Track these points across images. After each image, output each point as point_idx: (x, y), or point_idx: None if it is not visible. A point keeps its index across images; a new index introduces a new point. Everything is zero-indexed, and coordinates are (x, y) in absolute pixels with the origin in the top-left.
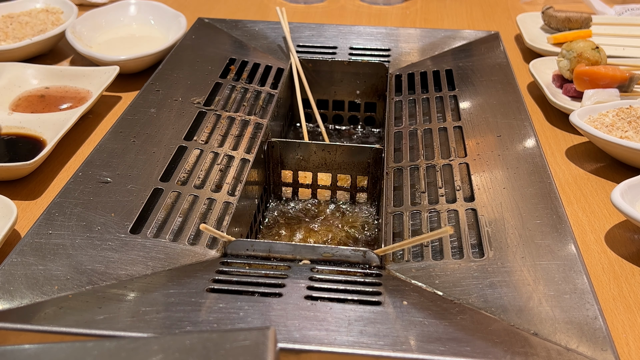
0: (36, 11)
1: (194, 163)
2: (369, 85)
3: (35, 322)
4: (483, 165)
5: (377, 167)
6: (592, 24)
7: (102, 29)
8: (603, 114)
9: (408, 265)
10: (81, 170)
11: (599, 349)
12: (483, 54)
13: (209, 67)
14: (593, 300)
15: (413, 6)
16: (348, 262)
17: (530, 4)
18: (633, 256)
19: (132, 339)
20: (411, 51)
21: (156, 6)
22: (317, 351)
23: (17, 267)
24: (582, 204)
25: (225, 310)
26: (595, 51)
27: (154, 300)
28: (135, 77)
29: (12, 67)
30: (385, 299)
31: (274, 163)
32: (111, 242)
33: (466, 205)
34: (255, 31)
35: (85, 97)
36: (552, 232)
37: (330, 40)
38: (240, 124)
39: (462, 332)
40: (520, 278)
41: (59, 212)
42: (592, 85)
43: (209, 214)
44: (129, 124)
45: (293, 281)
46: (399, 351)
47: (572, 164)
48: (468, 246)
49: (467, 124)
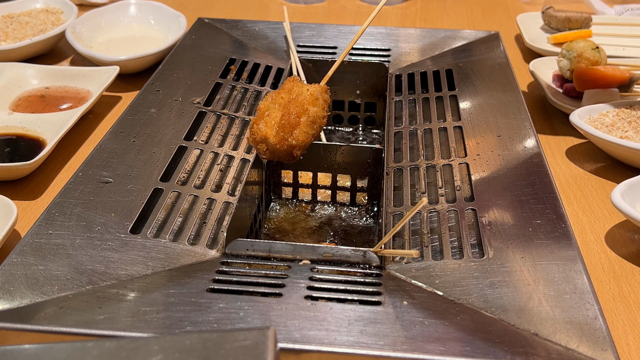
0: (36, 11)
1: (194, 163)
2: (369, 85)
3: (35, 322)
4: (483, 165)
5: (377, 167)
6: (592, 24)
7: (102, 29)
8: (603, 114)
9: (408, 265)
10: (81, 170)
11: (599, 349)
12: (483, 54)
13: (209, 67)
14: (593, 300)
15: (413, 6)
16: (348, 262)
17: (530, 4)
18: (633, 256)
19: (132, 339)
20: (411, 51)
21: (156, 6)
22: (317, 351)
23: (17, 267)
24: (582, 204)
25: (225, 310)
26: (595, 51)
27: (154, 300)
28: (135, 77)
29: (12, 67)
30: (385, 299)
31: (274, 163)
32: (111, 242)
33: (466, 205)
34: (255, 31)
35: (85, 97)
36: (552, 232)
37: (330, 40)
38: (241, 124)
39: (462, 332)
40: (520, 278)
41: (59, 212)
42: (592, 85)
43: (209, 214)
44: (129, 124)
45: (293, 281)
46: (399, 351)
47: (572, 164)
48: (468, 246)
49: (467, 124)
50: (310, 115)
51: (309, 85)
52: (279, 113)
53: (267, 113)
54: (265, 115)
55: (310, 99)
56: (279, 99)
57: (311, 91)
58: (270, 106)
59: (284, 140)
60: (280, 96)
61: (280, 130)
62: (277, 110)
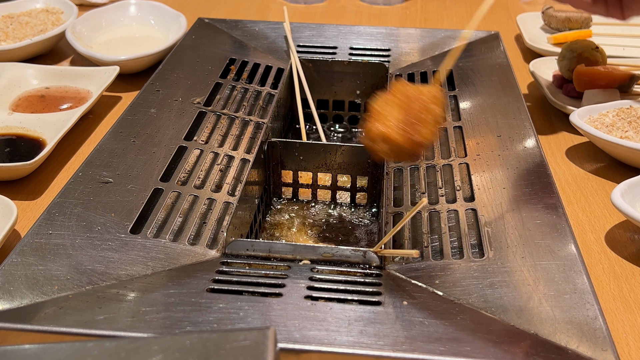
0: (36, 11)
1: (194, 163)
2: (369, 85)
3: (35, 322)
4: (483, 165)
5: (377, 167)
6: (592, 24)
7: (102, 29)
8: (603, 114)
9: (408, 265)
10: (81, 170)
11: (599, 349)
12: (483, 54)
13: (209, 67)
14: (593, 300)
15: (413, 6)
16: (348, 262)
17: (530, 4)
18: (633, 256)
19: (132, 339)
20: (411, 51)
21: (156, 6)
22: (317, 351)
23: (17, 267)
24: (582, 204)
25: (225, 310)
26: (595, 51)
27: (154, 300)
28: (135, 77)
29: (12, 67)
30: (385, 299)
31: (274, 163)
32: (111, 242)
33: (466, 205)
34: (255, 31)
35: (85, 97)
36: (552, 232)
37: (331, 40)
38: (240, 124)
39: (462, 332)
40: (520, 278)
41: (59, 212)
42: (592, 85)
43: (209, 214)
44: (129, 124)
45: (293, 281)
46: (399, 351)
47: (572, 164)
48: (468, 246)
49: (467, 124)
50: (433, 114)
51: (425, 86)
52: (398, 113)
53: (383, 113)
54: (382, 115)
55: (431, 98)
56: (394, 100)
57: (431, 90)
58: (385, 106)
59: (410, 139)
60: (395, 97)
61: (405, 128)
62: (394, 110)
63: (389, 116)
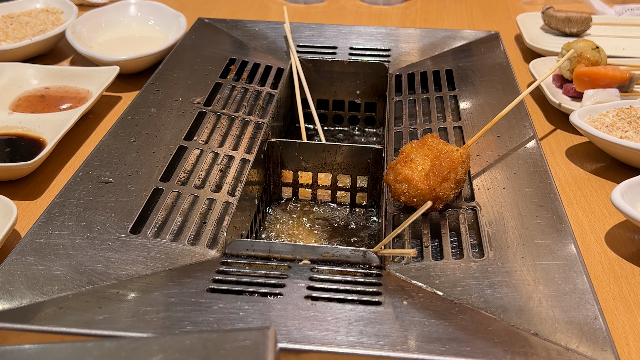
0: (36, 11)
1: (194, 163)
2: (369, 85)
3: (35, 322)
4: (483, 165)
5: (377, 167)
6: (592, 24)
7: (102, 29)
8: (603, 114)
9: (408, 265)
10: (81, 170)
11: (599, 349)
12: (483, 54)
13: (209, 67)
14: (593, 300)
15: (413, 6)
16: (348, 262)
17: (530, 4)
18: (633, 256)
19: (132, 339)
20: (411, 51)
21: (156, 6)
22: (317, 351)
23: (17, 267)
24: (582, 204)
25: (225, 310)
26: (595, 51)
27: (154, 300)
28: (135, 77)
29: (12, 67)
30: (385, 299)
31: (274, 163)
32: (111, 242)
33: (466, 205)
34: (255, 31)
35: (85, 97)
36: (552, 232)
37: (331, 40)
38: (240, 124)
39: (462, 332)
40: (520, 278)
41: (59, 212)
42: (592, 85)
43: (209, 214)
44: (129, 124)
45: (293, 281)
46: (399, 351)
47: (572, 164)
48: (468, 246)
49: (467, 124)
50: (458, 174)
51: (456, 147)
52: (425, 163)
53: (411, 158)
54: (410, 160)
55: (460, 159)
56: (424, 150)
57: (461, 153)
58: (415, 153)
59: (432, 190)
60: (424, 147)
61: (430, 178)
62: (423, 160)
63: (415, 164)
